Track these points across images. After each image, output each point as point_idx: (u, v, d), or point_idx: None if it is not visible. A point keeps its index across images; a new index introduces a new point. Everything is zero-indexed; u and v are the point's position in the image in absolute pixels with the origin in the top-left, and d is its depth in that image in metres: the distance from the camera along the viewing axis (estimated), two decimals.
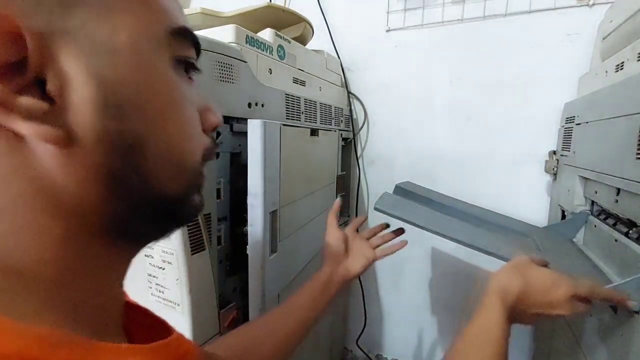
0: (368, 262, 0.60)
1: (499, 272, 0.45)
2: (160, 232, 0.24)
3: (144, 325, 0.26)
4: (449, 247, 1.07)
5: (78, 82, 0.16)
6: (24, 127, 0.16)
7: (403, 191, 0.67)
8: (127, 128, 0.18)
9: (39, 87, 0.16)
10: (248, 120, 0.53)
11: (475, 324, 0.42)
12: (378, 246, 0.64)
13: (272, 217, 0.58)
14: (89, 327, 0.19)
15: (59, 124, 0.16)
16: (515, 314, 0.42)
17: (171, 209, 0.22)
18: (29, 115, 0.16)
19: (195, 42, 0.23)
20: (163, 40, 0.20)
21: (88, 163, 0.17)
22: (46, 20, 0.16)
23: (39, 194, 0.17)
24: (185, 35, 0.21)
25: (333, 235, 0.58)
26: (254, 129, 0.53)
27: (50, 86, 0.16)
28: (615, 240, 0.51)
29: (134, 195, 0.19)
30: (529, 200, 0.95)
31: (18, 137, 0.16)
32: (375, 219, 1.18)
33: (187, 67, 0.23)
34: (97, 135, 0.17)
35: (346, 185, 1.12)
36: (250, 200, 0.55)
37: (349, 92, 1.09)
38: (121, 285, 0.24)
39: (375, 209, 0.57)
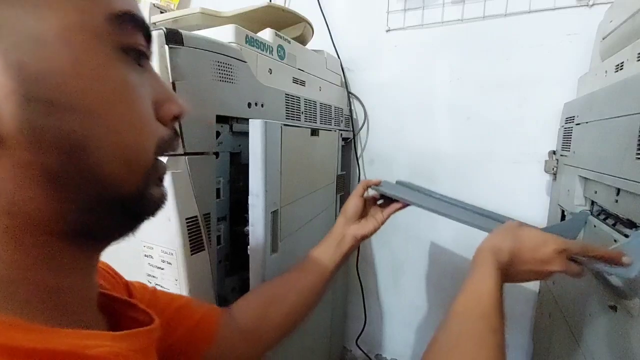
0: (379, 224, 0.65)
1: (490, 235, 0.48)
2: (121, 229, 0.23)
3: (132, 318, 0.27)
4: (449, 247, 1.07)
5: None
6: None
7: (403, 184, 0.75)
8: (61, 125, 0.17)
9: None
10: (249, 120, 0.53)
11: (469, 287, 0.43)
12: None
13: (273, 217, 0.58)
14: (52, 319, 0.19)
15: None
16: (508, 272, 0.43)
17: (127, 205, 0.21)
18: None
19: (142, 27, 0.21)
20: (102, 28, 0.18)
21: (19, 163, 0.16)
22: None
23: None
24: (129, 21, 0.20)
25: (354, 200, 0.63)
26: (255, 129, 0.53)
27: None
28: (615, 241, 0.51)
29: (81, 195, 0.18)
30: (528, 200, 0.95)
31: None
32: None
33: (138, 55, 0.21)
34: (24, 133, 0.16)
35: (346, 185, 1.11)
36: (251, 200, 0.55)
37: (349, 92, 1.09)
38: (92, 279, 0.24)
39: (374, 189, 0.66)
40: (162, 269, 0.52)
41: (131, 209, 0.22)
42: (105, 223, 0.21)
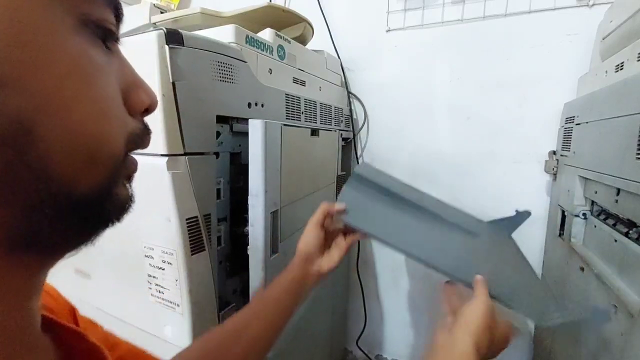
0: (343, 254, 0.54)
1: (475, 326, 0.43)
2: (76, 238, 0.18)
3: (83, 350, 0.22)
4: None
5: None
6: None
7: (363, 181, 0.59)
8: (3, 105, 0.14)
9: None
10: (249, 120, 0.53)
11: None
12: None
13: (273, 217, 0.58)
14: None
15: None
16: None
17: (86, 208, 0.17)
18: None
19: (112, 2, 0.18)
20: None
21: None
22: None
23: None
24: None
25: (313, 232, 0.51)
26: (255, 129, 0.53)
27: None
28: (615, 241, 0.51)
29: (29, 194, 0.15)
30: (528, 200, 0.95)
31: None
32: None
33: (104, 34, 0.18)
34: None
35: None
36: (251, 200, 0.55)
37: (349, 92, 1.09)
38: (34, 303, 0.19)
39: (339, 219, 0.53)
40: (163, 269, 0.52)
41: (91, 211, 0.18)
42: (56, 230, 0.16)
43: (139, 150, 0.21)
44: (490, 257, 0.55)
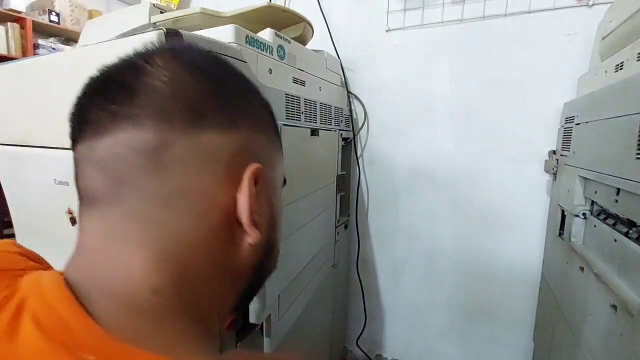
0: None
1: None
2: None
3: None
4: (449, 247, 1.07)
5: (265, 208, 0.25)
6: (253, 232, 0.23)
7: None
8: (272, 236, 0.26)
9: None
10: None
11: None
12: None
13: None
14: None
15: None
16: None
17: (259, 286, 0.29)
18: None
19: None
20: (280, 182, 0.29)
21: (255, 255, 0.24)
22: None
23: (229, 270, 0.24)
24: (285, 182, 0.31)
25: None
26: None
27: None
28: (615, 240, 0.51)
29: (260, 278, 0.27)
30: (528, 199, 0.95)
31: (241, 235, 0.23)
32: (375, 217, 1.18)
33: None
34: (264, 240, 0.24)
35: (346, 185, 1.11)
36: None
37: (348, 92, 1.09)
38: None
39: None
40: None
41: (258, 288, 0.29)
42: (242, 306, 0.29)
43: None
44: None
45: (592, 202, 0.65)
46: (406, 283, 1.16)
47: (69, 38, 1.90)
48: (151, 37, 0.46)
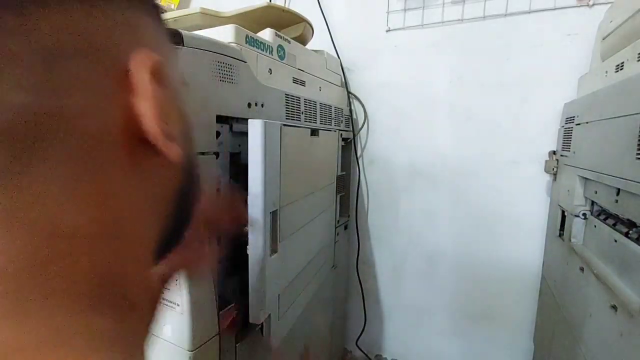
0: None
1: None
2: None
3: None
4: (449, 247, 1.07)
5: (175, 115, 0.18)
6: (172, 147, 0.16)
7: None
8: (189, 151, 0.20)
9: None
10: (248, 120, 0.53)
11: None
12: None
13: (273, 217, 0.58)
14: None
15: None
16: None
17: None
18: None
19: None
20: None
21: (175, 179, 0.20)
22: None
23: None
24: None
25: None
26: (255, 129, 0.53)
27: None
28: (615, 241, 0.51)
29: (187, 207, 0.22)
30: (528, 200, 0.95)
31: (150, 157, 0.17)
32: (374, 218, 1.18)
33: None
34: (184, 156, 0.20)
35: (346, 185, 1.11)
36: (250, 200, 0.55)
37: (349, 92, 1.09)
38: None
39: None
40: None
41: None
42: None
43: None
44: None
45: (592, 203, 0.65)
46: (406, 283, 1.16)
47: None
48: None
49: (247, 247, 0.56)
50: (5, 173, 0.13)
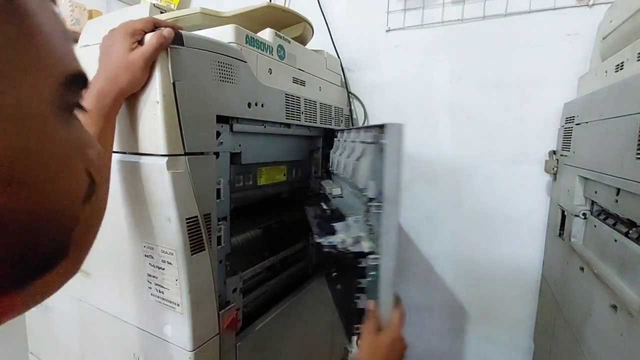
0: None
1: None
2: None
3: None
4: (448, 247, 1.07)
5: None
6: None
7: None
8: None
9: None
10: (387, 123, 0.47)
11: None
12: None
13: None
14: None
15: None
16: None
17: None
18: None
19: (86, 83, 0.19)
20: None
21: None
22: None
23: None
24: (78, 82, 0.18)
25: None
26: (393, 133, 0.47)
27: None
28: (615, 241, 0.51)
29: None
30: (528, 200, 0.95)
31: None
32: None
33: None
34: None
35: None
36: (386, 207, 0.48)
37: (349, 92, 1.09)
38: None
39: None
40: (163, 269, 0.52)
41: None
42: None
43: (139, 150, 0.21)
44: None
45: (592, 202, 0.65)
46: (406, 283, 1.16)
47: None
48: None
49: (369, 257, 0.53)
50: None
